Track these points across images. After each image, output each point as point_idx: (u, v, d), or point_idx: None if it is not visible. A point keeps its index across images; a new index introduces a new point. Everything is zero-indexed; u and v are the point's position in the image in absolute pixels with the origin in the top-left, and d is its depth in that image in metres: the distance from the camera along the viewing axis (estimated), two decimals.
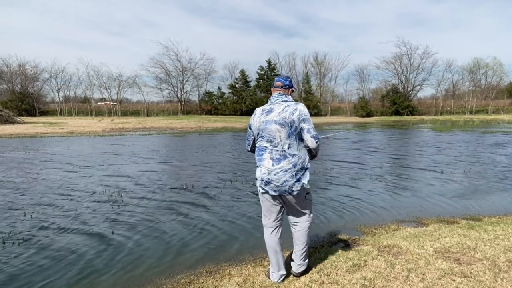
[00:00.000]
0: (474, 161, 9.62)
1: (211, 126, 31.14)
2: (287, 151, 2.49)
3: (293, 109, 2.49)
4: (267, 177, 2.52)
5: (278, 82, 2.67)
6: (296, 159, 2.49)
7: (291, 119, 2.47)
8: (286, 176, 2.47)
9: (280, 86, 2.65)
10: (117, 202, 5.48)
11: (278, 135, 2.49)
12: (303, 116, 2.48)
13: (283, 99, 2.60)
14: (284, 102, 2.57)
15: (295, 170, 2.48)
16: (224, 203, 5.41)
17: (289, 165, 2.48)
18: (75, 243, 3.79)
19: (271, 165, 2.51)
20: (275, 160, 2.50)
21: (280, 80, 2.68)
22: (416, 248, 3.28)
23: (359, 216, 4.73)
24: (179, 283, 2.83)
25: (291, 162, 2.48)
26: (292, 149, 2.49)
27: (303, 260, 2.73)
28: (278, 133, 2.49)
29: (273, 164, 2.51)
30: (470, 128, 24.62)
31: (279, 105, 2.56)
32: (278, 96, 2.62)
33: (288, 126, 2.47)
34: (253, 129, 2.65)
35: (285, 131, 2.48)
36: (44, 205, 5.33)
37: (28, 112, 52.11)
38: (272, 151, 2.52)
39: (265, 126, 2.54)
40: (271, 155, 2.52)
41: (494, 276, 2.68)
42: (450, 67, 60.28)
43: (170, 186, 6.69)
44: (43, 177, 7.58)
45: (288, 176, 2.47)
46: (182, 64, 58.99)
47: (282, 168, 2.48)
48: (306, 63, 64.26)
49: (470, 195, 5.84)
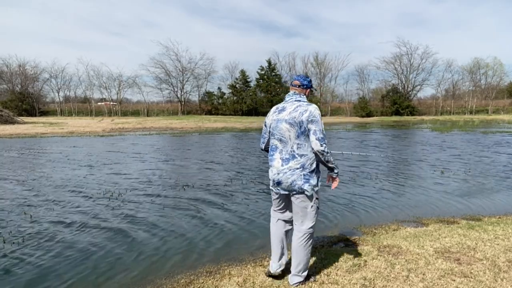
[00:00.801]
0: (474, 161, 9.62)
1: (211, 126, 31.14)
2: (296, 151, 2.47)
3: (304, 110, 2.45)
4: (278, 178, 2.52)
5: (296, 81, 2.63)
6: (305, 160, 2.46)
7: (300, 119, 2.43)
8: (294, 176, 2.45)
9: (297, 86, 2.61)
10: (115, 202, 5.48)
11: (288, 135, 2.48)
12: (312, 117, 2.42)
13: (297, 98, 2.57)
14: (297, 102, 2.54)
15: (304, 171, 2.45)
16: (224, 203, 5.40)
17: (297, 165, 2.45)
18: (72, 244, 3.79)
19: (280, 165, 2.50)
20: (284, 160, 2.49)
21: (299, 79, 2.64)
22: (416, 248, 3.28)
23: (359, 216, 4.73)
24: (179, 283, 2.83)
25: (299, 162, 2.46)
26: (302, 149, 2.46)
27: (299, 273, 2.56)
28: (288, 132, 2.47)
29: (282, 164, 2.50)
30: (470, 128, 24.62)
31: (292, 104, 2.54)
32: (292, 95, 2.59)
33: (297, 126, 2.44)
34: (267, 126, 2.67)
35: (294, 130, 2.46)
36: (55, 202, 5.34)
37: (28, 112, 52.11)
38: (282, 151, 2.51)
39: (276, 124, 2.55)
40: (281, 155, 2.51)
41: (494, 276, 2.68)
42: (450, 67, 60.38)
43: (170, 186, 6.69)
44: (51, 176, 7.58)
45: (296, 176, 2.45)
46: (182, 64, 59.12)
47: (290, 168, 2.46)
48: (306, 63, 64.36)
49: (470, 195, 5.84)
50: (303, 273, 2.58)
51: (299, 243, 2.54)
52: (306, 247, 2.54)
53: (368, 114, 54.25)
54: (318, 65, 62.73)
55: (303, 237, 2.54)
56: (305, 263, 2.56)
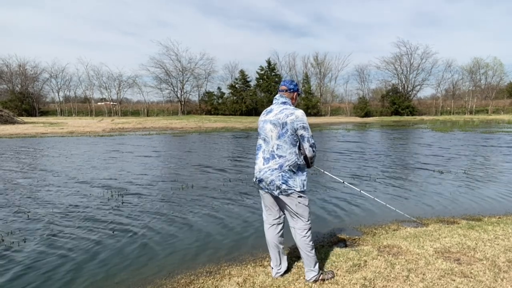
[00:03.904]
0: (473, 161, 9.62)
1: (211, 126, 31.14)
2: (276, 152, 2.55)
3: (290, 113, 2.56)
4: (259, 176, 2.61)
5: (283, 86, 2.77)
6: (283, 161, 2.52)
7: (284, 120, 2.53)
8: (272, 176, 2.53)
9: (285, 90, 2.74)
10: (115, 202, 5.48)
11: (270, 135, 2.59)
12: (302, 123, 2.53)
13: (283, 101, 2.69)
14: (283, 105, 2.66)
15: (281, 172, 2.52)
16: (224, 203, 5.40)
17: (276, 166, 2.54)
18: (70, 243, 3.79)
19: (262, 164, 2.61)
20: (265, 159, 2.60)
21: (285, 84, 2.77)
22: (416, 248, 3.28)
23: (359, 216, 4.73)
24: (179, 283, 2.83)
25: (277, 163, 2.53)
26: (281, 150, 2.53)
27: (311, 267, 2.65)
28: (271, 132, 2.58)
29: (263, 163, 2.60)
30: (470, 128, 24.62)
31: (278, 107, 2.66)
32: (279, 98, 2.72)
33: (280, 126, 2.53)
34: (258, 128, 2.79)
35: (276, 131, 2.55)
36: (55, 202, 5.34)
37: (28, 112, 52.11)
38: (265, 151, 2.62)
39: (262, 125, 2.68)
40: (264, 154, 2.62)
41: (494, 276, 2.68)
42: (450, 67, 60.39)
43: (169, 186, 6.69)
44: (51, 176, 7.58)
45: (275, 176, 2.52)
46: (182, 64, 59.13)
47: (269, 168, 2.56)
48: (306, 63, 64.50)
49: (470, 195, 5.84)
50: (315, 267, 2.66)
51: (300, 241, 2.63)
52: (308, 243, 2.63)
53: (368, 114, 54.26)
54: (318, 65, 62.88)
55: (302, 235, 2.62)
56: (313, 257, 2.65)
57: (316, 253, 2.72)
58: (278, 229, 2.76)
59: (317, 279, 2.64)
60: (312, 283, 2.63)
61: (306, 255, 2.63)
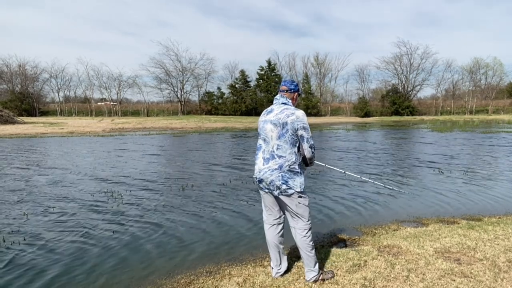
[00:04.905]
0: (473, 161, 9.62)
1: (211, 126, 31.14)
2: (276, 152, 2.55)
3: (290, 113, 2.55)
4: (259, 176, 2.61)
5: (284, 86, 2.76)
6: (283, 161, 2.53)
7: (284, 120, 2.53)
8: (272, 176, 2.53)
9: (285, 90, 2.74)
10: (114, 202, 5.48)
11: (271, 135, 2.58)
12: (302, 123, 2.53)
13: (283, 101, 2.68)
14: (283, 105, 2.66)
15: (281, 172, 2.52)
16: (224, 203, 5.40)
17: (275, 166, 2.54)
18: (70, 243, 3.79)
19: (262, 164, 2.61)
20: (265, 159, 2.59)
21: (286, 84, 2.77)
22: (416, 248, 3.28)
23: (359, 216, 4.73)
24: (179, 283, 2.83)
25: (277, 163, 2.53)
26: (281, 150, 2.54)
27: (311, 267, 2.65)
28: (271, 132, 2.58)
29: (263, 163, 2.60)
30: (470, 128, 24.62)
31: (279, 107, 2.66)
32: (280, 98, 2.71)
33: (280, 127, 2.53)
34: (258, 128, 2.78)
35: (276, 131, 2.55)
36: (55, 201, 5.35)
37: (28, 112, 52.07)
38: (265, 151, 2.62)
39: (263, 125, 2.67)
40: (263, 155, 2.62)
41: (494, 276, 2.68)
42: (450, 67, 60.38)
43: (169, 186, 6.69)
44: (51, 176, 7.58)
45: (274, 177, 2.52)
46: (182, 64, 59.07)
47: (269, 168, 2.55)
48: (306, 63, 64.46)
49: (470, 195, 5.83)
50: (315, 267, 2.66)
51: (301, 241, 2.63)
52: (308, 243, 2.63)
53: (368, 114, 54.26)
54: (318, 65, 62.85)
55: (302, 235, 2.62)
56: (313, 257, 2.65)
57: (316, 253, 2.73)
58: (278, 229, 2.76)
59: (317, 279, 2.64)
60: (312, 283, 2.63)
61: (306, 255, 2.63)
